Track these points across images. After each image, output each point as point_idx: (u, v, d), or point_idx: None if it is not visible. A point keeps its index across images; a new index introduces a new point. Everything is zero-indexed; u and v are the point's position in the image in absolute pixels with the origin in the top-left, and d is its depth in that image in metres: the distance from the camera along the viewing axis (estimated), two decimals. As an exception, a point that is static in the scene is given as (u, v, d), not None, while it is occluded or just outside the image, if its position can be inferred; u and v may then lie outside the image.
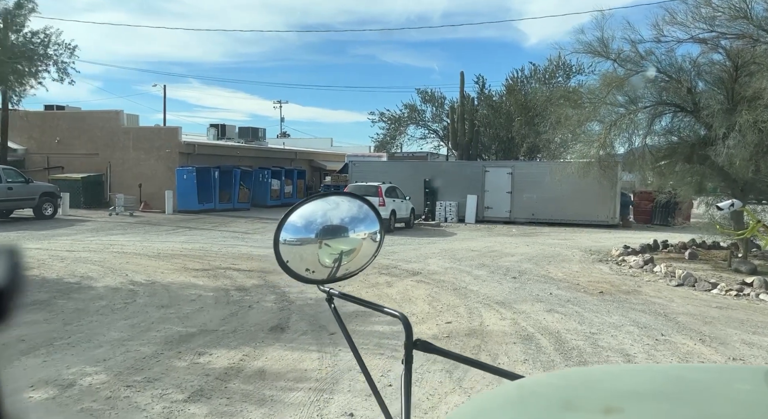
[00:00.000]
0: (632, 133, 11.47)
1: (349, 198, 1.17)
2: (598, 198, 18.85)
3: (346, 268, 1.12)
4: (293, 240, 1.12)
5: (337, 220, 1.14)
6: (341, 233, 1.14)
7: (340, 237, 1.13)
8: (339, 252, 1.12)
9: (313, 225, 1.12)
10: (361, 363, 1.05)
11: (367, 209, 1.15)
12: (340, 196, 1.19)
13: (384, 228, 1.18)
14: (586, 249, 12.97)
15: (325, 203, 1.16)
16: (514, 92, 23.07)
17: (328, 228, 1.13)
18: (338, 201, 1.18)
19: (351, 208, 1.16)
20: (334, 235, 1.13)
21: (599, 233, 17.26)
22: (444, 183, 21.00)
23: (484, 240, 14.77)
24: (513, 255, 11.84)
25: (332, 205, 1.16)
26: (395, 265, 10.22)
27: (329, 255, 1.11)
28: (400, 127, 26.38)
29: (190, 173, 19.86)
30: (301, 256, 1.12)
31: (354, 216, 1.15)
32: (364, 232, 1.14)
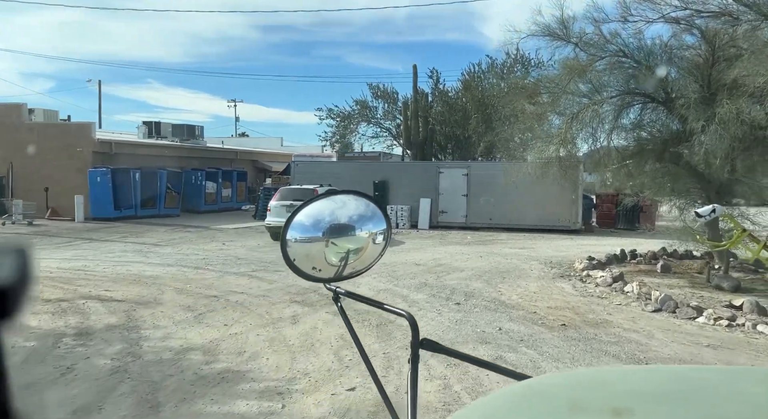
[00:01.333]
0: (596, 127, 9.91)
1: (356, 196, 1.18)
2: (560, 201, 17.45)
3: (353, 267, 1.13)
4: (300, 239, 1.12)
5: (344, 219, 1.15)
6: (348, 232, 1.15)
7: (347, 236, 1.14)
8: (346, 251, 1.12)
9: (320, 224, 1.12)
10: (368, 363, 1.07)
11: (374, 208, 1.17)
12: (346, 194, 1.19)
13: (390, 226, 1.18)
14: (546, 261, 11.36)
15: (331, 202, 1.16)
16: (471, 88, 21.52)
17: (335, 227, 1.13)
18: (345, 200, 1.19)
19: (358, 206, 1.17)
20: (340, 234, 1.14)
21: (561, 240, 15.78)
22: (395, 185, 19.24)
23: (433, 250, 13.01)
24: (463, 270, 10.10)
25: (339, 203, 1.17)
26: (317, 288, 8.29)
27: (336, 253, 1.12)
28: (351, 125, 24.45)
29: (104, 175, 17.42)
30: (307, 255, 1.12)
31: (361, 215, 1.16)
32: (370, 231, 1.15)
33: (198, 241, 13.82)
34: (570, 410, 0.51)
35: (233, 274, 9.38)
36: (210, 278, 8.99)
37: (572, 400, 0.52)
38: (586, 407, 0.51)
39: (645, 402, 0.51)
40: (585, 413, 0.50)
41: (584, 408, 0.50)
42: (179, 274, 9.24)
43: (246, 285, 8.43)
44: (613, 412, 0.48)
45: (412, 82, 21.99)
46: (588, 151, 11.16)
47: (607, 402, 0.51)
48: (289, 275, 9.57)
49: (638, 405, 0.50)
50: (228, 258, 11.08)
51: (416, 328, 0.95)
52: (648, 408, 0.50)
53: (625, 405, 0.49)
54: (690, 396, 0.52)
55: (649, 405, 0.50)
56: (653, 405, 0.50)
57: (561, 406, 0.52)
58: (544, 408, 0.53)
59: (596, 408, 0.50)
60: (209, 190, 21.92)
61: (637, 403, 0.50)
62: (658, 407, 0.50)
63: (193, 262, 10.51)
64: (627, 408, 0.49)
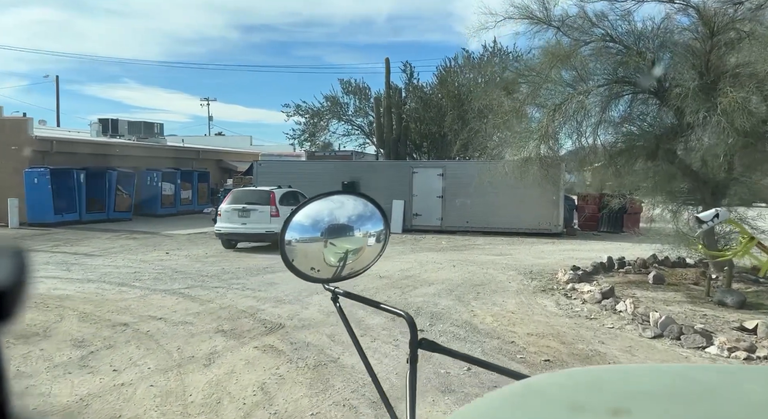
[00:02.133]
0: (581, 120, 8.74)
1: (355, 197, 1.18)
2: (540, 203, 16.34)
3: (351, 267, 1.13)
4: (299, 240, 1.12)
5: (343, 219, 1.15)
6: (347, 232, 1.14)
7: (346, 236, 1.14)
8: (344, 252, 1.12)
9: (319, 224, 1.12)
10: (366, 362, 1.07)
11: (372, 208, 1.16)
12: (344, 195, 1.19)
13: (389, 226, 1.18)
14: (526, 271, 10.17)
15: (330, 202, 1.15)
16: (446, 83, 20.32)
17: (333, 227, 1.13)
18: (343, 200, 1.18)
19: (356, 206, 1.16)
20: (339, 234, 1.14)
21: (542, 245, 14.66)
22: (366, 186, 17.90)
23: (403, 258, 11.74)
24: (432, 284, 8.84)
25: (338, 203, 1.17)
26: (255, 311, 6.96)
27: (334, 254, 1.11)
28: (321, 122, 23.03)
29: (42, 176, 15.75)
30: (306, 255, 1.12)
31: (360, 215, 1.15)
32: (369, 231, 1.15)
33: (139, 250, 12.33)
34: (568, 410, 0.51)
35: (161, 292, 7.97)
36: (130, 298, 7.57)
37: (571, 400, 0.53)
38: (585, 407, 0.51)
39: (643, 401, 0.51)
40: (583, 413, 0.50)
41: (583, 408, 0.51)
42: (95, 294, 7.80)
43: (170, 308, 7.04)
44: (612, 412, 0.48)
45: (385, 77, 20.72)
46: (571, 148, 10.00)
47: (605, 401, 0.52)
48: (227, 294, 8.19)
49: (636, 405, 0.50)
50: (164, 271, 9.65)
51: (415, 328, 0.95)
52: (646, 407, 0.50)
53: (624, 405, 0.49)
54: (688, 396, 0.52)
55: (648, 405, 0.50)
56: (651, 405, 0.50)
57: (559, 406, 0.52)
58: (542, 407, 0.53)
59: (594, 407, 0.51)
60: (166, 191, 20.34)
61: (636, 403, 0.50)
62: (656, 407, 0.50)
63: (119, 277, 9.06)
64: (626, 407, 0.49)
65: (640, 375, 0.60)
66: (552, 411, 0.51)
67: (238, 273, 9.61)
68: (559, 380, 0.59)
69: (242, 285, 8.62)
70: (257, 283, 8.77)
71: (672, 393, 0.52)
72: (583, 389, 0.55)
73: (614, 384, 0.56)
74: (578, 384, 0.57)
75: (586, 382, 0.58)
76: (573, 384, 0.57)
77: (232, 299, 7.65)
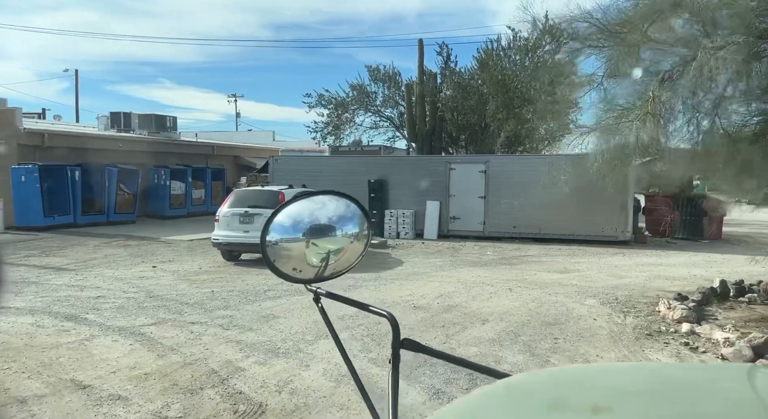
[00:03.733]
0: (702, 91, 6.14)
1: (337, 197, 1.16)
2: (604, 205, 13.65)
3: (334, 268, 1.12)
4: (280, 240, 1.11)
5: (324, 220, 1.14)
6: (328, 232, 1.13)
7: (328, 237, 1.13)
8: (326, 252, 1.11)
9: (300, 224, 1.11)
10: (348, 363, 1.05)
11: (354, 208, 1.15)
12: (327, 195, 1.17)
13: (371, 226, 1.17)
14: (610, 299, 7.64)
15: (311, 203, 1.14)
16: (488, 67, 17.72)
17: (315, 228, 1.12)
18: (325, 200, 1.17)
19: (338, 207, 1.15)
20: (321, 235, 1.13)
21: (610, 256, 12.01)
22: (396, 185, 15.59)
23: (442, 276, 9.34)
24: (487, 321, 6.42)
25: (319, 204, 1.16)
26: (231, 372, 4.73)
27: (317, 254, 1.10)
28: (345, 114, 20.74)
29: (30, 173, 13.94)
30: (288, 256, 1.11)
31: (341, 216, 1.14)
32: (351, 231, 1.14)
33: (122, 263, 10.27)
34: (550, 408, 0.51)
35: (114, 333, 5.79)
36: (66, 344, 5.41)
37: (552, 398, 0.52)
38: (567, 405, 0.51)
39: (624, 399, 0.51)
40: (565, 411, 0.50)
41: (564, 406, 0.50)
42: (24, 334, 5.68)
43: (111, 364, 4.84)
44: (593, 410, 0.48)
45: (418, 61, 18.27)
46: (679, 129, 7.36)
47: (586, 400, 0.51)
48: (203, 336, 5.90)
49: (617, 403, 0.50)
50: (135, 296, 7.50)
51: (397, 328, 0.93)
52: (627, 405, 0.50)
53: (604, 403, 0.49)
54: (668, 393, 0.52)
55: (628, 403, 0.50)
56: (632, 403, 0.50)
57: (541, 404, 0.52)
58: (524, 406, 0.53)
59: (576, 406, 0.50)
60: (175, 191, 18.41)
61: (617, 401, 0.50)
62: (636, 404, 0.50)
63: (74, 306, 6.94)
64: (607, 406, 0.49)
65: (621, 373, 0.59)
66: (533, 410, 0.51)
67: (230, 300, 7.39)
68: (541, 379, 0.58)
69: (229, 320, 6.38)
70: (250, 316, 6.53)
71: (652, 391, 0.52)
72: (564, 387, 0.55)
73: (595, 383, 0.56)
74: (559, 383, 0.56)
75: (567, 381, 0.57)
76: (554, 383, 0.56)
77: (206, 345, 5.41)
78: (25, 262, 10.13)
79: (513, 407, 0.53)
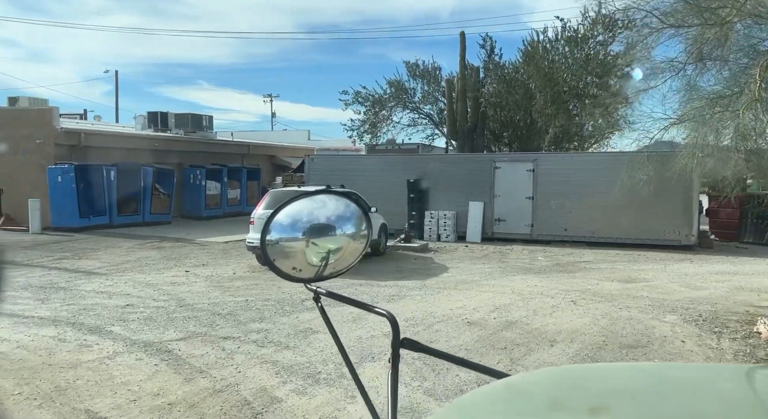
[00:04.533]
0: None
1: (337, 197, 1.17)
2: (665, 206, 12.55)
3: (334, 267, 1.12)
4: (280, 240, 1.11)
5: (323, 219, 1.14)
6: (328, 232, 1.13)
7: (327, 236, 1.13)
8: (326, 251, 1.11)
9: (299, 224, 1.10)
10: (348, 362, 1.06)
11: (354, 208, 1.15)
12: (327, 194, 1.18)
13: (371, 225, 1.17)
14: (693, 314, 6.68)
15: (311, 202, 1.14)
16: (535, 59, 16.71)
17: (315, 227, 1.12)
18: (325, 200, 1.17)
19: (338, 206, 1.15)
20: (321, 234, 1.12)
21: (677, 263, 10.92)
22: (437, 185, 14.81)
23: (494, 285, 8.52)
24: (554, 342, 5.61)
25: (319, 203, 1.15)
26: (265, 404, 4.11)
27: (316, 253, 1.10)
28: (383, 111, 20.03)
29: (66, 173, 13.79)
30: (288, 255, 1.11)
31: (341, 215, 1.14)
32: (351, 231, 1.14)
33: (155, 266, 9.86)
34: (549, 408, 0.50)
35: (139, 349, 5.24)
36: (86, 362, 4.88)
37: (551, 398, 0.52)
38: (565, 405, 0.50)
39: (622, 399, 0.51)
40: (563, 411, 0.49)
41: (562, 406, 0.50)
42: (43, 350, 5.19)
43: (133, 390, 4.26)
44: (591, 410, 0.48)
45: (459, 55, 17.41)
46: None
47: (585, 400, 0.51)
48: (235, 354, 5.21)
49: (615, 403, 0.50)
50: (165, 305, 6.99)
51: (397, 327, 0.92)
52: (624, 405, 0.50)
53: (603, 403, 0.49)
54: (665, 393, 0.52)
55: (626, 403, 0.50)
56: (630, 403, 0.50)
57: (540, 404, 0.51)
58: (523, 406, 0.52)
59: (575, 406, 0.50)
60: (211, 191, 18.12)
61: (614, 401, 0.50)
62: (634, 404, 0.50)
63: (100, 316, 6.47)
64: (605, 405, 0.48)
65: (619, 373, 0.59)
66: (532, 410, 0.50)
67: (265, 311, 6.79)
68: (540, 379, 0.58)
69: (264, 335, 5.77)
70: (287, 331, 5.90)
71: (650, 391, 0.52)
72: (563, 388, 0.55)
73: (594, 383, 0.55)
74: (558, 383, 0.56)
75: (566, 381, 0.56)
76: (553, 383, 0.56)
77: (238, 367, 4.79)
78: (56, 265, 9.83)
79: (512, 407, 0.52)
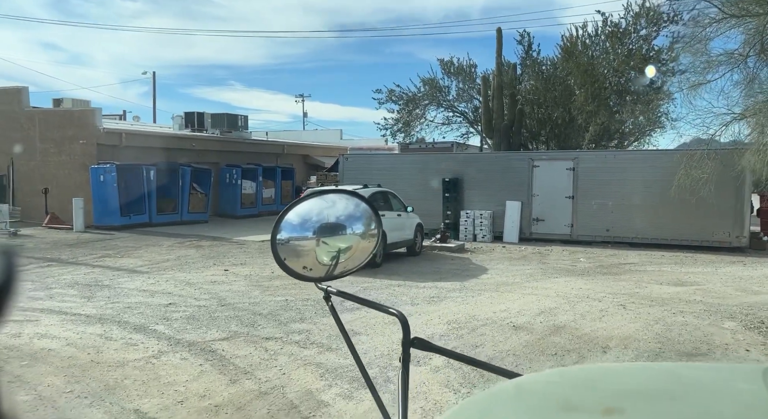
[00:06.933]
0: None
1: (347, 196, 1.16)
2: (713, 206, 11.98)
3: (344, 266, 1.11)
4: (291, 238, 1.11)
5: (334, 218, 1.14)
6: (339, 231, 1.13)
7: (338, 235, 1.13)
8: (337, 250, 1.11)
9: (309, 223, 1.10)
10: (358, 361, 1.06)
11: (364, 207, 1.14)
12: (337, 193, 1.18)
13: (381, 224, 1.15)
14: (751, 318, 6.33)
15: (322, 201, 1.14)
16: (575, 55, 16.26)
17: (325, 226, 1.12)
18: (335, 199, 1.17)
19: (348, 205, 1.15)
20: (331, 233, 1.12)
21: (728, 266, 10.42)
22: (473, 184, 14.58)
23: (537, 287, 8.27)
24: (607, 348, 5.37)
25: (329, 203, 1.15)
26: (311, 411, 4.00)
27: (327, 253, 1.10)
28: (416, 110, 19.86)
29: (108, 173, 14.12)
30: (298, 254, 1.11)
31: (351, 214, 1.14)
32: (361, 230, 1.13)
33: (195, 265, 9.96)
34: (560, 409, 0.50)
35: (184, 349, 5.25)
36: (133, 361, 4.90)
37: (563, 399, 0.52)
38: (577, 406, 0.51)
39: (635, 400, 0.51)
40: (575, 412, 0.50)
41: (575, 408, 0.50)
42: (91, 348, 5.25)
43: (179, 390, 4.25)
44: (604, 411, 0.48)
45: (496, 52, 17.09)
46: None
47: (597, 401, 0.51)
48: (278, 355, 5.12)
49: (629, 404, 0.50)
50: (207, 305, 7.02)
51: (407, 327, 0.92)
52: (638, 406, 0.50)
53: (616, 404, 0.49)
54: (680, 394, 0.52)
55: (640, 404, 0.50)
56: (643, 404, 0.50)
57: (552, 405, 0.52)
58: (534, 407, 0.53)
59: (587, 406, 0.50)
60: (247, 190, 18.32)
61: (628, 402, 0.50)
62: (648, 405, 0.50)
63: (145, 313, 6.53)
64: (618, 406, 0.48)
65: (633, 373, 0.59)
66: (544, 411, 0.51)
67: (305, 310, 6.74)
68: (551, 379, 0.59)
69: (306, 336, 5.70)
70: (328, 332, 5.82)
71: (664, 392, 0.52)
72: (575, 388, 0.55)
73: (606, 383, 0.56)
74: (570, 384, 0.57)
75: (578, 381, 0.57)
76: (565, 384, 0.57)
77: (282, 368, 4.74)
78: (100, 263, 10.04)
79: (523, 407, 0.51)
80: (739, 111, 5.79)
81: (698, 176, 7.90)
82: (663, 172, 11.92)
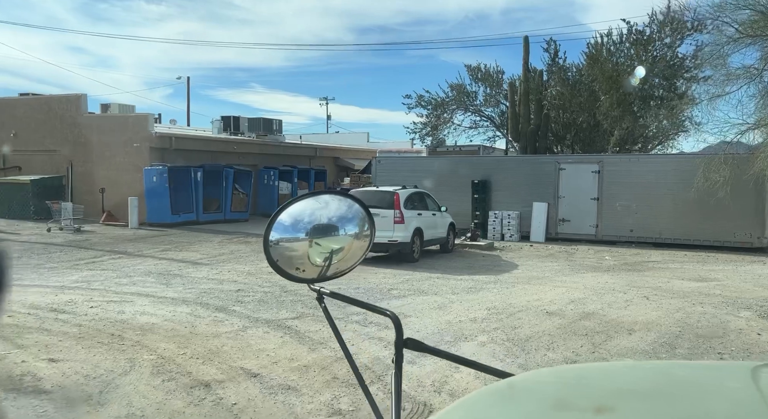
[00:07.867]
0: None
1: (340, 197, 1.16)
2: (735, 207, 12.48)
3: (337, 267, 1.11)
4: (283, 240, 1.10)
5: (326, 219, 1.13)
6: (331, 232, 1.13)
7: (330, 236, 1.12)
8: (329, 251, 1.10)
9: (301, 224, 1.10)
10: (351, 361, 1.06)
11: (357, 208, 1.14)
12: (330, 194, 1.18)
13: (374, 225, 1.15)
14: (766, 309, 6.95)
15: (315, 202, 1.14)
16: (600, 62, 16.86)
17: (318, 227, 1.11)
18: (328, 200, 1.17)
19: (340, 206, 1.15)
20: (324, 234, 1.12)
21: (749, 265, 10.97)
22: (500, 186, 15.28)
23: (566, 281, 8.99)
24: (632, 331, 6.08)
25: (322, 203, 1.15)
26: (385, 368, 4.83)
27: (319, 254, 1.10)
28: (445, 114, 20.64)
29: (161, 174, 15.22)
30: (290, 255, 1.11)
31: (343, 215, 1.13)
32: (354, 231, 1.13)
33: (248, 258, 10.90)
34: (553, 408, 0.50)
35: (263, 324, 6.13)
36: (225, 333, 5.80)
37: (556, 398, 0.51)
38: (569, 405, 0.50)
39: (627, 399, 0.50)
40: (568, 410, 0.49)
41: (567, 406, 0.50)
42: (186, 323, 6.16)
43: (270, 355, 5.12)
44: (596, 410, 0.48)
45: (522, 59, 17.80)
46: None
47: (590, 399, 0.50)
48: (344, 330, 6.12)
49: (620, 402, 0.49)
50: (271, 290, 7.92)
51: (400, 328, 0.93)
52: (630, 404, 0.49)
53: (608, 403, 0.48)
54: (671, 392, 0.52)
55: (631, 402, 0.50)
56: (635, 402, 0.50)
57: (544, 404, 0.51)
58: (527, 405, 0.52)
59: (579, 405, 0.50)
60: (283, 191, 19.30)
61: (619, 400, 0.50)
62: (639, 404, 0.49)
63: (219, 297, 7.45)
64: (610, 405, 0.48)
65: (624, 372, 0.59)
66: (537, 409, 0.50)
67: (358, 296, 7.55)
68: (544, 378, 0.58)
69: (363, 317, 6.52)
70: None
71: (655, 390, 0.51)
72: (567, 387, 0.54)
73: (598, 382, 0.54)
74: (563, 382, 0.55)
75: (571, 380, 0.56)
76: (558, 382, 0.55)
77: (349, 341, 5.56)
78: (164, 256, 11.06)
79: (516, 406, 0.52)
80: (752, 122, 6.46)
81: (716, 179, 8.52)
82: (685, 175, 12.49)
